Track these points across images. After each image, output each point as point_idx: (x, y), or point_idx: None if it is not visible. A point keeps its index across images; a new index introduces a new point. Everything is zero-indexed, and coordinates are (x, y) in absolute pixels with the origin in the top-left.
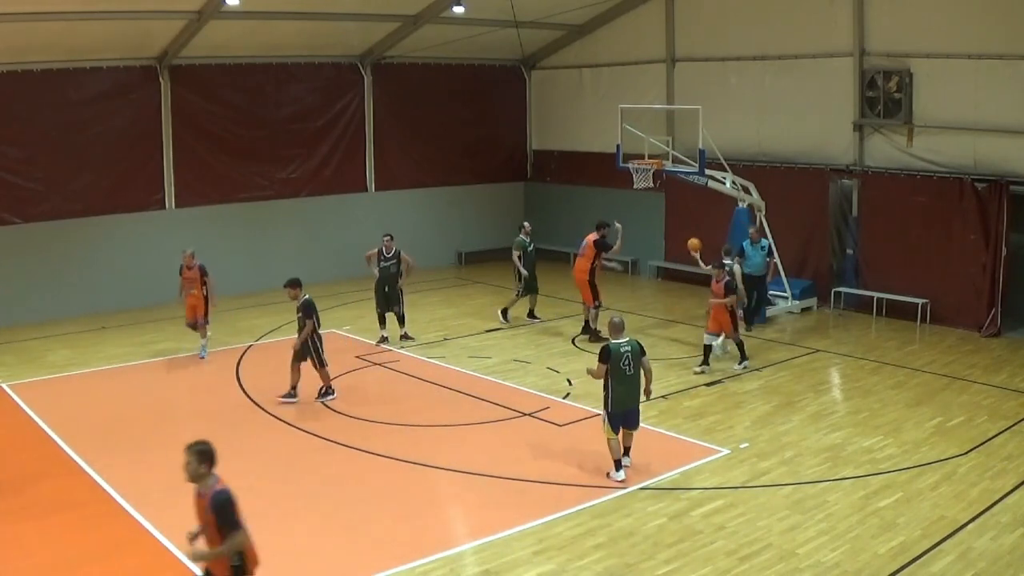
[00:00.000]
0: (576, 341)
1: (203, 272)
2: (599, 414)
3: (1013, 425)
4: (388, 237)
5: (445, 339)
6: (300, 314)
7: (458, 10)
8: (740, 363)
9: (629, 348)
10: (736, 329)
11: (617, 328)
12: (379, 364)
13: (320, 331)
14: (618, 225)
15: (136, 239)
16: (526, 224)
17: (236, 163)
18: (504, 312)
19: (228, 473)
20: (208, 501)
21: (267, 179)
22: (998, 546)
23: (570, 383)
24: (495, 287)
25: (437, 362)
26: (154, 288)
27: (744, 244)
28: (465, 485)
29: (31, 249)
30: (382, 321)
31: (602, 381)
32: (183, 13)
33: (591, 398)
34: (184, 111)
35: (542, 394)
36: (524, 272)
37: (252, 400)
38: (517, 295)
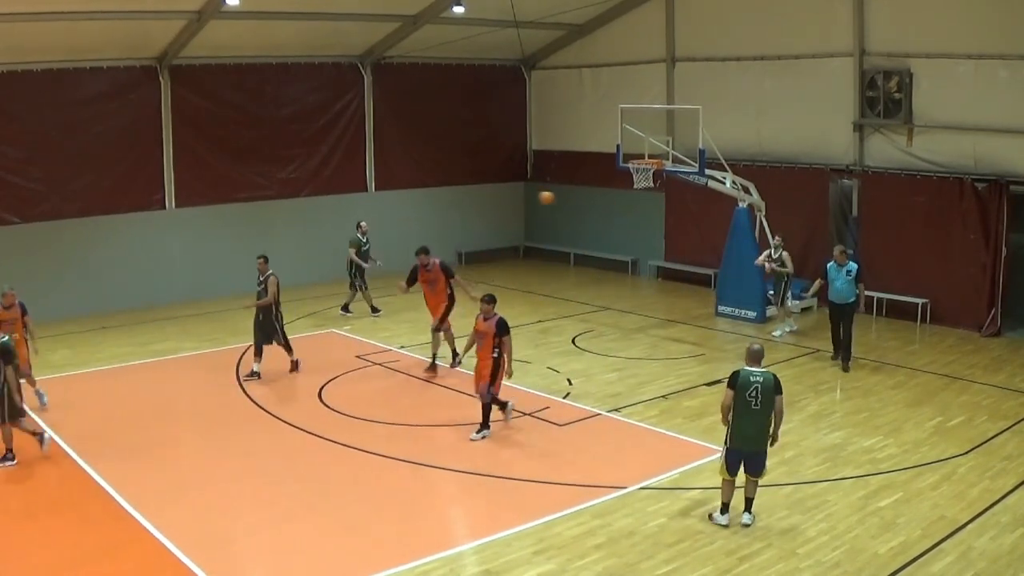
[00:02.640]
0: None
1: (23, 311)
2: (599, 413)
3: (1013, 425)
4: (261, 259)
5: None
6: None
7: (458, 10)
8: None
9: (760, 380)
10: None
11: (754, 356)
12: (379, 364)
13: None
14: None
15: (136, 239)
16: (363, 223)
17: (236, 163)
18: (345, 306)
19: (228, 474)
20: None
21: (267, 179)
22: (998, 546)
23: (570, 383)
24: (496, 287)
25: (438, 362)
26: (154, 288)
27: (828, 266)
28: (465, 485)
29: (31, 249)
30: (258, 353)
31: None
32: (183, 13)
33: (590, 398)
34: (184, 111)
35: (542, 394)
36: (364, 266)
37: (252, 400)
38: (357, 290)
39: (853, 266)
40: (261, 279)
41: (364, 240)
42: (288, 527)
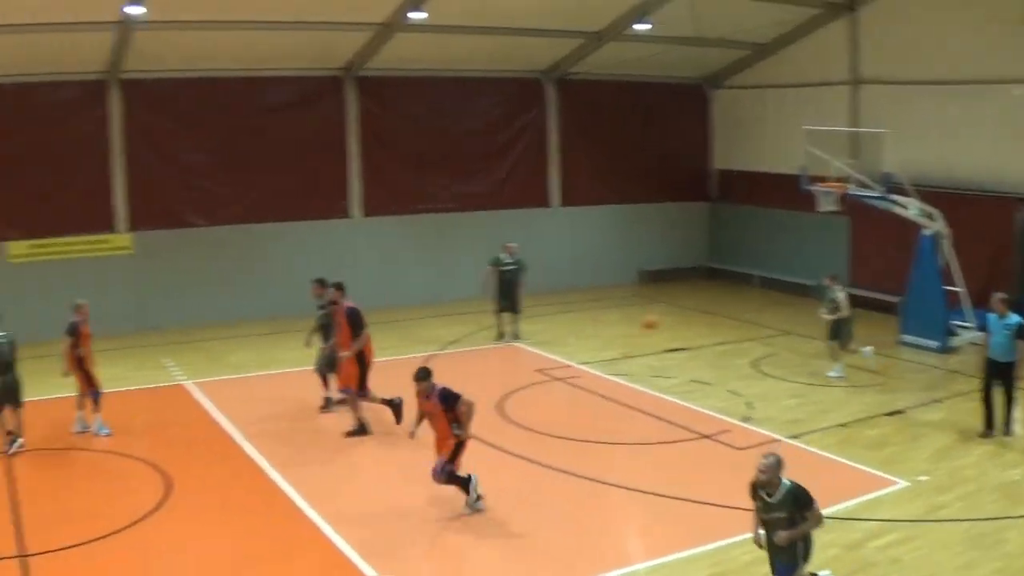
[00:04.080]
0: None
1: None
2: (778, 439)
3: None
4: (317, 283)
5: (626, 357)
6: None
7: (642, 27)
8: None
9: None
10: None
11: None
12: (560, 379)
13: None
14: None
15: (319, 246)
16: (511, 245)
17: (419, 175)
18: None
19: (406, 482)
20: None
21: (450, 192)
22: None
23: (750, 407)
24: (678, 307)
25: (618, 379)
26: None
27: (989, 318)
28: (641, 504)
29: (217, 252)
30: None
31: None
32: (369, 25)
33: (770, 423)
34: (370, 122)
35: (722, 416)
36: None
37: None
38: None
39: (1015, 319)
40: (322, 304)
41: (508, 260)
42: (461, 538)
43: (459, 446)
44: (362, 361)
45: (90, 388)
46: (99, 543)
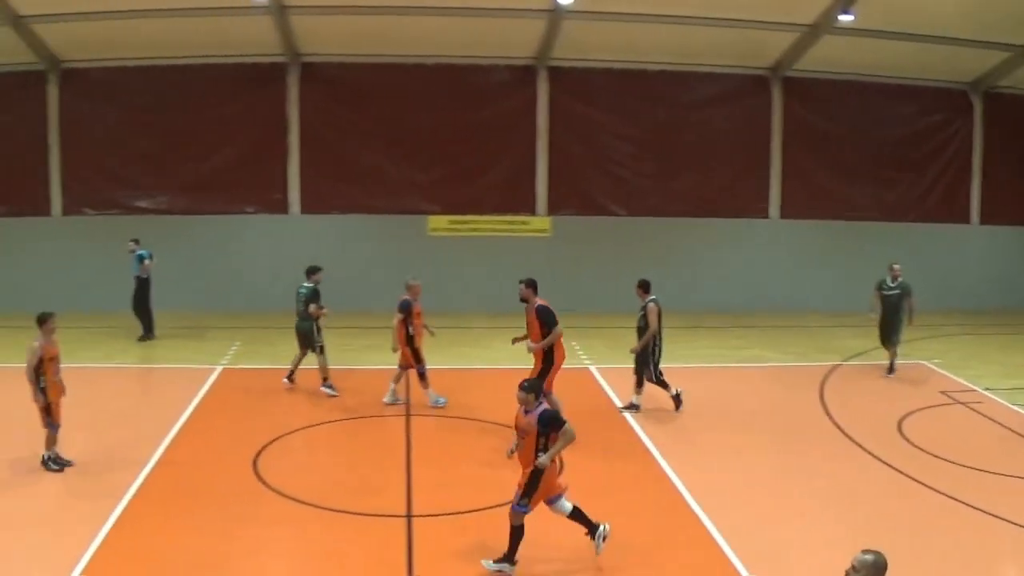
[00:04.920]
0: None
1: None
2: None
3: None
4: (640, 286)
5: None
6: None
7: None
8: None
9: None
10: None
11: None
12: (962, 403)
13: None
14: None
15: (734, 244)
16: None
17: (839, 180)
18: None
19: (794, 490)
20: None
21: (870, 200)
22: None
23: None
24: None
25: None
26: (745, 295)
27: None
28: None
29: (631, 241)
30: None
31: None
32: (797, 26)
33: None
34: (793, 123)
35: None
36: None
37: (832, 420)
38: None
39: None
40: (641, 305)
41: (890, 284)
42: (835, 554)
43: (535, 475)
44: (550, 359)
45: (417, 365)
46: (480, 513)
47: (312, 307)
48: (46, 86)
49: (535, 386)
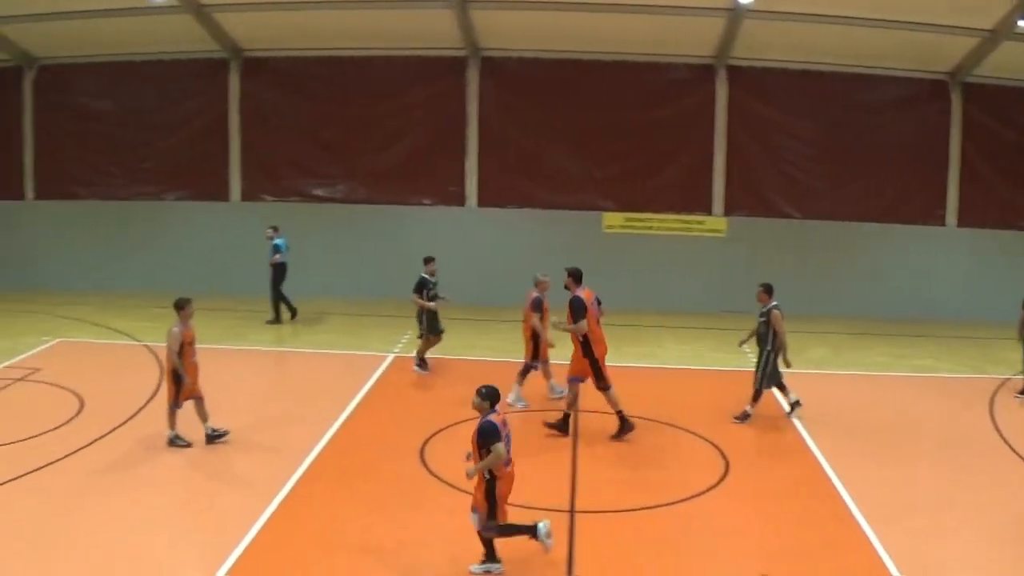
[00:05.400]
0: None
1: None
2: None
3: None
4: (761, 289)
5: None
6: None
7: None
8: None
9: None
10: None
11: None
12: None
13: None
14: None
15: (912, 251)
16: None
17: (1022, 190)
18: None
19: (965, 505)
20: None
21: None
22: None
23: None
24: None
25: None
26: (923, 303)
27: None
28: None
29: (808, 245)
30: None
31: None
32: (977, 31)
33: None
34: (974, 130)
35: None
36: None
37: (1001, 434)
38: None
39: None
40: (763, 311)
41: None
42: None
43: (491, 485)
44: (590, 354)
45: (532, 360)
46: (644, 512)
47: (413, 296)
48: (228, 74)
49: (491, 394)
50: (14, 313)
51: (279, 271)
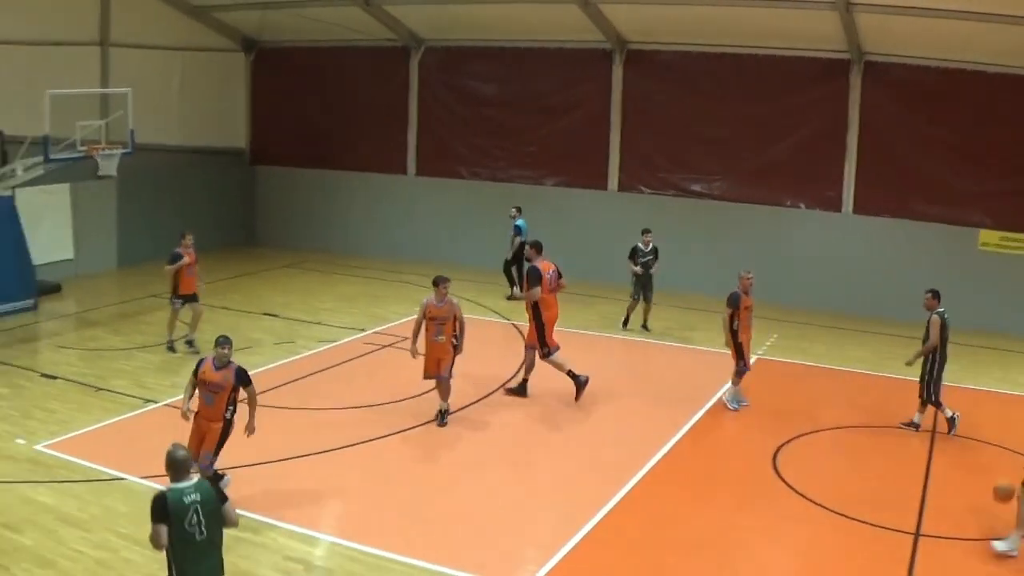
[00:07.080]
0: None
1: None
2: None
3: None
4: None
5: None
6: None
7: None
8: None
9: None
10: None
11: (176, 467)
12: None
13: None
14: None
15: None
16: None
17: None
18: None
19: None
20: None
21: None
22: None
23: None
24: None
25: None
26: None
27: None
28: None
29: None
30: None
31: None
32: None
33: None
34: None
35: None
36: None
37: None
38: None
39: None
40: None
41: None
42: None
43: (225, 433)
44: (538, 317)
45: (737, 361)
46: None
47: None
48: (611, 65)
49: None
50: (387, 283)
51: (520, 250)
